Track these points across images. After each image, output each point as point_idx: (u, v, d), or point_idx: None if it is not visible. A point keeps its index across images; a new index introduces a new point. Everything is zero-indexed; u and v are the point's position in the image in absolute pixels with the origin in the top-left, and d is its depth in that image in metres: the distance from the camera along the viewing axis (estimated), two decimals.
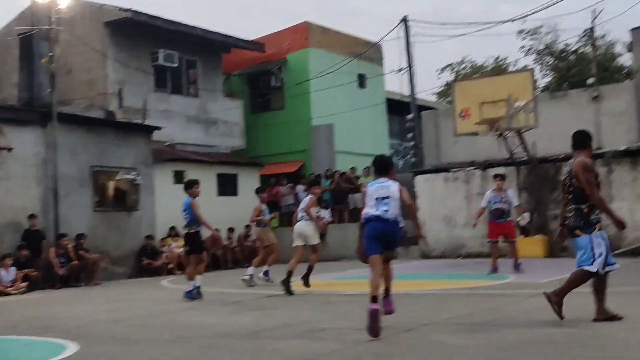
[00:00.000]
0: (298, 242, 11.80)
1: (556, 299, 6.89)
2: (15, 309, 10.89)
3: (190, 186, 11.44)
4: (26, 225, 15.55)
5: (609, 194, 16.64)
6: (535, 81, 16.79)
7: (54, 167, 16.29)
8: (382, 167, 7.74)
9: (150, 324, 8.41)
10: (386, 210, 7.19)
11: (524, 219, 14.18)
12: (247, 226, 20.88)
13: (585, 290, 9.73)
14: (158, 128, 19.31)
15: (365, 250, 7.21)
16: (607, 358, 5.17)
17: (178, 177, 20.05)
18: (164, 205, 18.96)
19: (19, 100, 17.63)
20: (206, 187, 20.61)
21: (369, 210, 7.23)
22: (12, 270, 14.31)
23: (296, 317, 8.38)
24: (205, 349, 6.39)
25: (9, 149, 15.41)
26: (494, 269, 12.66)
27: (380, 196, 7.29)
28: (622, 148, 16.83)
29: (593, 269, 6.67)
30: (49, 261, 15.37)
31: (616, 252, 15.99)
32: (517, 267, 12.71)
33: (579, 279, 6.84)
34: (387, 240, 7.17)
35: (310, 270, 11.64)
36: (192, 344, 6.70)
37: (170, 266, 18.22)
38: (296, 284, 13.10)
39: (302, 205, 12.05)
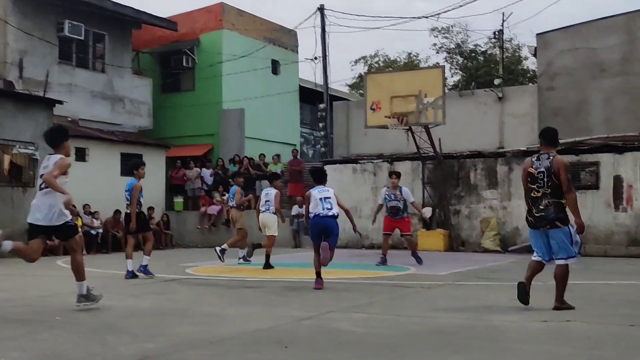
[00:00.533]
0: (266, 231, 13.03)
1: (560, 304, 7.29)
2: None
3: (137, 167, 11.45)
4: None
5: (508, 192, 17.32)
6: (445, 79, 17.20)
7: None
8: (322, 176, 10.08)
9: (43, 305, 8.07)
10: (330, 208, 9.48)
11: (426, 213, 14.54)
12: (151, 208, 20.43)
13: (482, 283, 10.09)
14: (60, 102, 18.52)
15: (312, 239, 9.58)
16: (497, 350, 5.35)
17: (80, 154, 19.35)
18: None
19: None
20: (109, 166, 20.07)
21: (315, 209, 9.47)
22: None
23: (197, 301, 8.26)
24: (100, 331, 6.17)
25: None
26: (383, 260, 13.00)
27: (323, 197, 9.55)
28: (523, 148, 17.51)
29: (574, 261, 7.26)
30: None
31: (511, 248, 16.75)
32: (417, 259, 13.02)
33: (565, 274, 7.27)
34: (326, 231, 9.43)
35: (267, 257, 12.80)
36: (86, 326, 6.46)
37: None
38: (202, 269, 12.95)
39: (266, 198, 13.05)
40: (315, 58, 24.99)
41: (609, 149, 16.10)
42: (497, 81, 21.27)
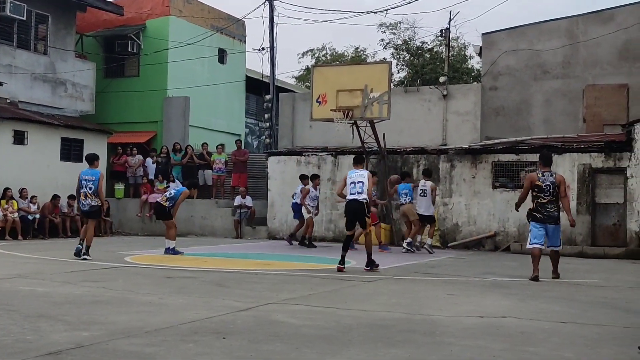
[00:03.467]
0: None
1: (557, 275, 10.23)
2: None
3: (96, 159, 12.29)
4: None
5: (449, 189, 17.62)
6: (391, 74, 17.34)
7: None
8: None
9: None
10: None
11: None
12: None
13: (421, 278, 10.25)
14: (0, 84, 17.95)
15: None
16: (432, 344, 5.45)
17: (18, 137, 18.83)
18: (1, 165, 17.74)
19: None
20: (49, 150, 19.58)
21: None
22: None
23: (134, 290, 8.15)
24: (33, 318, 6.04)
25: None
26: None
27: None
28: (465, 146, 17.82)
29: (560, 248, 10.36)
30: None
31: (451, 244, 17.05)
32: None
33: (558, 256, 10.33)
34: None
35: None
36: (19, 313, 6.31)
37: None
38: (142, 257, 12.78)
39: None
40: (263, 49, 24.89)
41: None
42: (442, 79, 21.56)
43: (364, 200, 10.63)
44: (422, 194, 14.95)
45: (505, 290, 8.85)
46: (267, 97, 23.79)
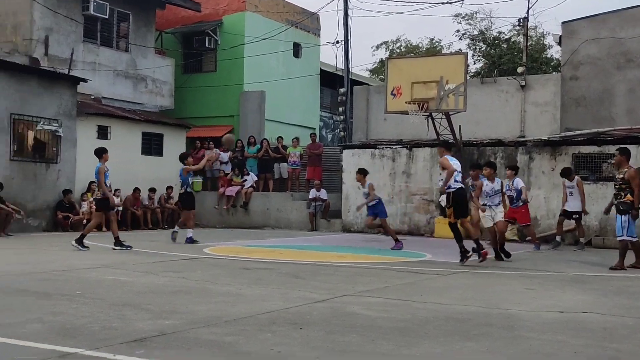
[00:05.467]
0: None
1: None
2: None
3: (104, 152, 12.79)
4: None
5: (527, 181, 17.21)
6: (467, 65, 17.06)
7: None
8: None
9: (63, 279, 8.21)
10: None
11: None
12: (169, 187, 20.60)
13: (498, 272, 10.09)
14: (84, 80, 18.67)
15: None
16: (510, 338, 5.37)
17: (102, 132, 19.52)
18: (86, 159, 18.41)
19: None
20: (130, 145, 20.22)
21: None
22: None
23: (212, 281, 8.35)
24: (118, 306, 6.29)
25: None
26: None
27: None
28: (544, 137, 17.37)
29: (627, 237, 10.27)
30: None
31: (529, 238, 16.67)
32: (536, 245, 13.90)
33: (626, 246, 10.35)
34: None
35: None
36: (105, 301, 6.58)
37: (84, 222, 17.73)
38: (220, 249, 13.07)
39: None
40: (337, 42, 24.94)
41: (631, 141, 15.91)
42: (520, 69, 21.03)
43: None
44: (570, 193, 14.43)
45: (586, 285, 8.61)
46: (342, 90, 23.82)
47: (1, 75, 16.58)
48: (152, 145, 21.18)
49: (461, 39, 37.41)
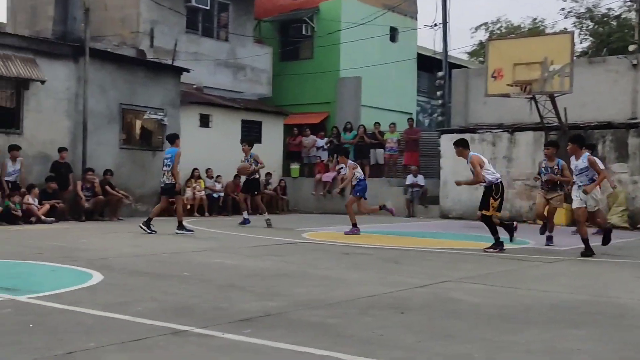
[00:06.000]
0: None
1: None
2: (42, 237, 11.14)
3: (177, 138, 13.01)
4: (55, 157, 15.75)
5: (639, 165, 16.45)
6: (573, 45, 16.38)
7: (84, 102, 16.41)
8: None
9: (171, 261, 8.57)
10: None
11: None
12: (268, 174, 20.99)
13: (606, 260, 9.71)
14: (187, 70, 19.29)
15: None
16: (621, 327, 5.19)
17: (204, 120, 20.13)
18: (189, 147, 19.03)
19: (53, 34, 17.64)
20: (230, 132, 20.74)
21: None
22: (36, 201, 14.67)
23: (312, 265, 8.49)
24: (224, 287, 6.51)
25: (42, 81, 15.53)
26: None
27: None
28: None
29: None
30: (75, 194, 15.65)
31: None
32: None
33: None
34: None
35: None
36: (212, 283, 6.83)
37: (188, 207, 18.37)
38: (318, 234, 13.25)
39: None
40: (435, 25, 24.57)
41: None
42: (631, 47, 20.00)
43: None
44: None
45: None
46: (440, 74, 23.47)
47: (111, 68, 17.38)
48: (251, 133, 21.62)
49: (566, 17, 36.02)
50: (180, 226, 12.50)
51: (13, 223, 13.58)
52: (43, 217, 14.30)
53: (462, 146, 10.72)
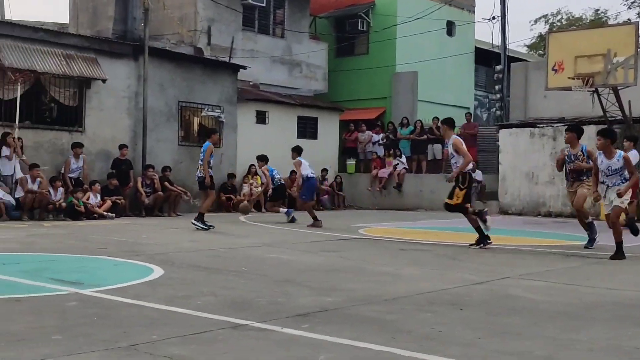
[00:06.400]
0: None
1: None
2: (104, 232, 11.43)
3: (214, 133, 13.56)
4: (116, 154, 16.14)
5: None
6: (638, 36, 15.90)
7: (144, 100, 16.77)
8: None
9: (229, 256, 8.68)
10: None
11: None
12: (324, 170, 21.04)
13: None
14: (244, 67, 19.49)
15: None
16: None
17: (260, 117, 20.31)
18: (245, 143, 19.29)
19: (113, 33, 18.08)
20: (287, 128, 20.88)
21: None
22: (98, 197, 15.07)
23: (370, 261, 8.47)
24: (282, 282, 6.56)
25: (103, 80, 15.93)
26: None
27: None
28: None
29: None
30: (135, 190, 16.01)
31: None
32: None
33: None
34: None
35: None
36: (269, 277, 6.89)
37: (247, 201, 18.56)
38: (374, 230, 13.22)
39: None
40: (493, 17, 24.18)
41: None
42: None
43: None
44: None
45: None
46: (498, 67, 23.10)
47: (170, 66, 17.71)
48: (307, 129, 21.74)
49: (630, 8, 34.98)
50: (199, 217, 12.38)
51: (76, 219, 13.98)
52: (105, 213, 14.68)
53: (447, 125, 10.37)
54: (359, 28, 24.74)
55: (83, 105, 15.95)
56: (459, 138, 10.32)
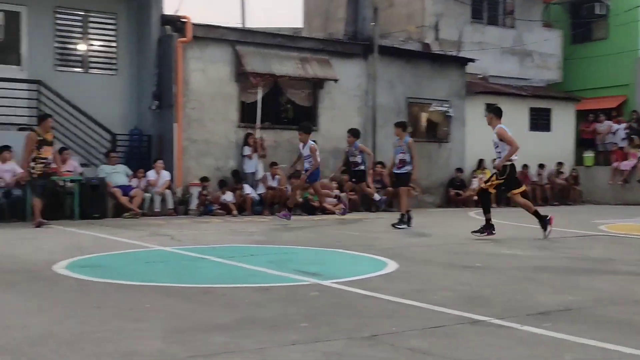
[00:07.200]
0: None
1: None
2: (338, 227, 11.95)
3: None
4: None
5: None
6: None
7: (373, 97, 17.22)
8: None
9: (461, 251, 8.61)
10: None
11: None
12: (560, 163, 20.04)
13: None
14: (472, 60, 19.20)
15: None
16: None
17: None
18: (474, 138, 18.96)
19: (344, 34, 18.80)
20: (518, 121, 20.15)
21: None
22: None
23: (616, 259, 7.93)
24: (518, 279, 6.38)
25: (335, 80, 16.64)
26: None
27: None
28: None
29: None
30: (366, 186, 16.48)
31: None
32: None
33: None
34: None
35: None
36: (505, 274, 6.73)
37: (474, 198, 18.24)
38: (617, 226, 12.35)
39: None
40: None
41: None
42: None
43: None
44: None
45: None
46: None
47: (398, 63, 18.00)
48: (539, 121, 20.85)
49: None
50: (403, 219, 11.83)
51: (312, 213, 14.75)
52: (334, 209, 15.25)
53: (494, 113, 10.02)
54: (597, 12, 23.12)
55: (316, 105, 16.78)
56: (504, 127, 9.89)
